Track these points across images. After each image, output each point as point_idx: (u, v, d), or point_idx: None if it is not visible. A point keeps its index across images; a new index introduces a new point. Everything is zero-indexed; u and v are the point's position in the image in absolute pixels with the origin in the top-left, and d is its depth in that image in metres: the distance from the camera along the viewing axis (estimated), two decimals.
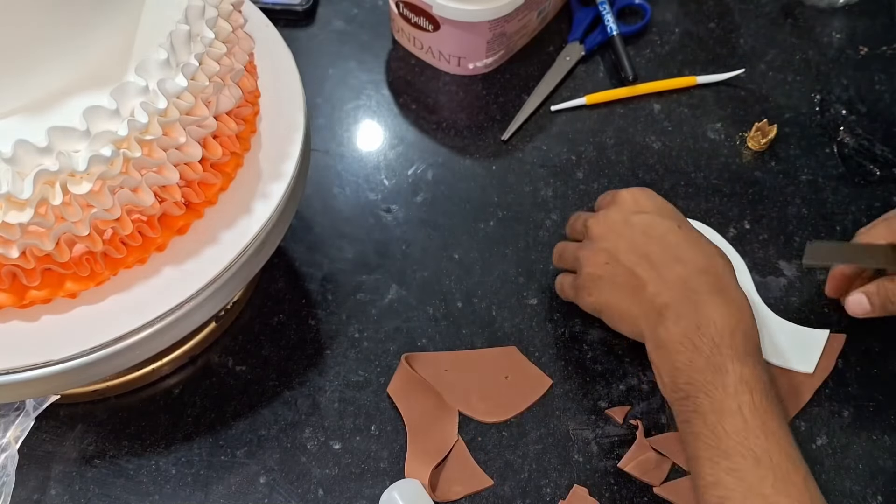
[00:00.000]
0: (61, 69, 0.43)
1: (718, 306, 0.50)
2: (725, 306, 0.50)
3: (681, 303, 0.51)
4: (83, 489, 0.54)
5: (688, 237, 0.54)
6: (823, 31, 0.76)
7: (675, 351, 0.50)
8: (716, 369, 0.48)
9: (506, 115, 0.71)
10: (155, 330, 0.46)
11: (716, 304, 0.50)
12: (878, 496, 0.55)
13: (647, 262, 0.53)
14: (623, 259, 0.54)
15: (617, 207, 0.57)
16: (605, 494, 0.55)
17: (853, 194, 0.66)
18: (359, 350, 0.60)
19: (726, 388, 0.47)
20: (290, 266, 0.63)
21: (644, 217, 0.55)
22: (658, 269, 0.53)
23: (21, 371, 0.44)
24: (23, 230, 0.40)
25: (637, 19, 0.77)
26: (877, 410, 0.58)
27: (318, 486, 0.55)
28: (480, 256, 0.64)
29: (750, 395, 0.47)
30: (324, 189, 0.67)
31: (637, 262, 0.53)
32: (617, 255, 0.54)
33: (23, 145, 0.39)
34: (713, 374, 0.48)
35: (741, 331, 0.50)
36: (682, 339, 0.50)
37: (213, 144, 0.46)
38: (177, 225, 0.47)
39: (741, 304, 0.51)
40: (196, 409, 0.57)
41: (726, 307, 0.50)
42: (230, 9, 0.47)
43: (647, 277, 0.53)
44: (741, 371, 0.48)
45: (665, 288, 0.52)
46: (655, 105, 0.72)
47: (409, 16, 0.70)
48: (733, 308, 0.51)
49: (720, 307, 0.50)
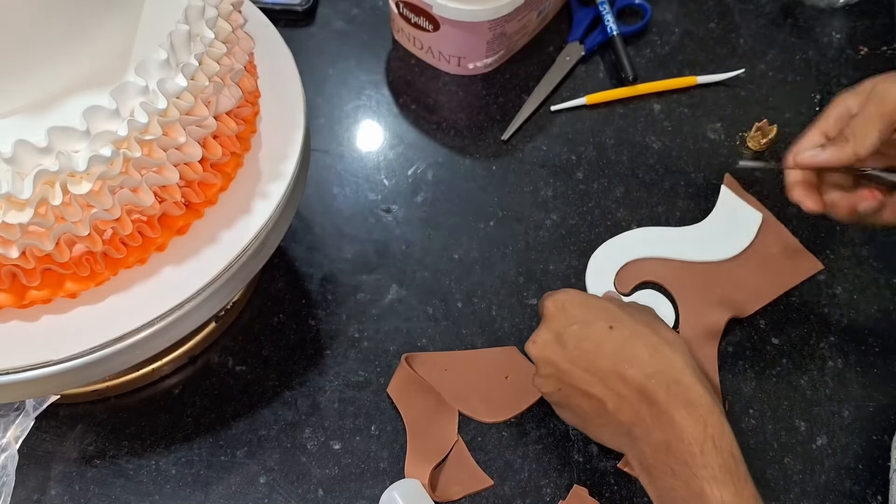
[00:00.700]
0: (61, 69, 0.43)
1: (681, 417, 0.46)
2: (687, 414, 0.46)
3: (644, 419, 0.47)
4: (83, 489, 0.54)
5: (624, 338, 0.49)
6: (823, 31, 0.76)
7: (657, 477, 0.47)
8: (696, 496, 0.45)
9: (506, 115, 0.71)
10: (155, 330, 0.46)
11: (678, 415, 0.46)
12: (878, 496, 0.55)
13: (595, 378, 0.49)
14: (572, 382, 0.50)
15: (546, 325, 0.52)
16: (605, 494, 0.55)
17: None
18: (359, 350, 0.60)
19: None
20: (290, 266, 0.63)
21: (573, 329, 0.50)
22: (608, 383, 0.48)
23: (21, 371, 0.44)
24: (23, 230, 0.40)
25: (637, 19, 0.77)
26: (877, 410, 0.58)
27: (318, 486, 0.55)
28: (480, 256, 0.64)
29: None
30: (324, 189, 0.67)
31: (587, 382, 0.49)
32: (563, 379, 0.50)
33: (23, 145, 0.39)
34: (695, 500, 0.45)
35: (710, 440, 0.45)
36: (658, 464, 0.46)
37: (213, 144, 0.46)
38: (177, 225, 0.47)
39: (703, 403, 0.46)
40: (196, 409, 0.57)
41: (688, 414, 0.46)
42: (230, 9, 0.47)
43: (602, 395, 0.48)
44: (721, 495, 0.44)
45: (623, 403, 0.48)
46: (655, 105, 0.72)
47: (409, 16, 0.70)
48: (695, 413, 0.46)
49: (683, 417, 0.46)
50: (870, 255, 0.64)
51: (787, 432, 0.57)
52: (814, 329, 0.61)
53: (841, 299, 0.62)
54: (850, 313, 0.61)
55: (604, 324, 0.50)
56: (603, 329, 0.50)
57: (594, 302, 0.52)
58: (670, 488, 0.46)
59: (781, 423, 0.57)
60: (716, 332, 0.60)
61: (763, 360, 0.60)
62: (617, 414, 0.48)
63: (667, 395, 0.47)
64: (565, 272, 0.63)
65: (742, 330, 0.61)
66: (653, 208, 0.66)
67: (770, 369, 0.59)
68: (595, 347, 0.49)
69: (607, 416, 0.49)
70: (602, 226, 0.65)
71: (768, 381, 0.59)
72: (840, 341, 0.60)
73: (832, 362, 0.60)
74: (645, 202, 0.66)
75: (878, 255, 0.64)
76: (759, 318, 0.61)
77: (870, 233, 0.64)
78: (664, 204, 0.66)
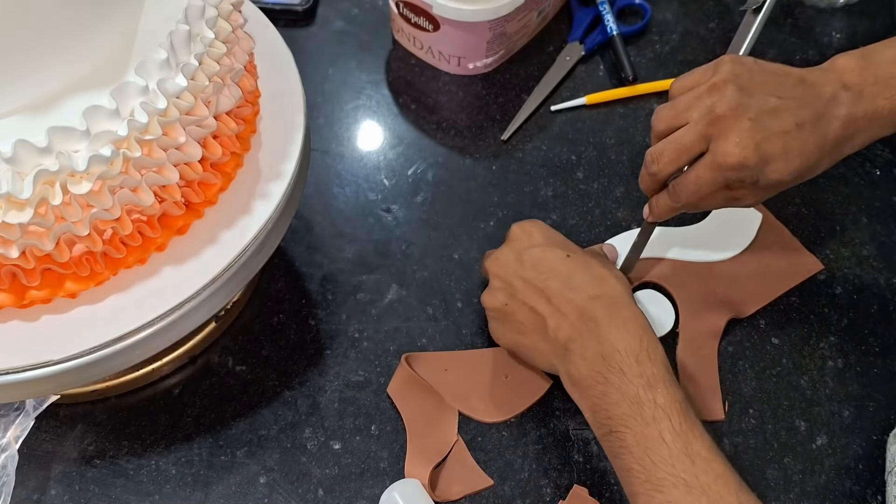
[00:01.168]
0: (61, 69, 0.43)
1: (619, 331, 0.49)
2: (625, 329, 0.49)
3: (582, 334, 0.50)
4: (83, 489, 0.54)
5: (577, 264, 0.53)
6: (823, 31, 0.76)
7: (588, 387, 0.49)
8: (630, 400, 0.47)
9: (506, 115, 0.71)
10: (155, 330, 0.46)
11: (616, 329, 0.49)
12: (877, 496, 0.55)
13: (542, 296, 0.52)
14: (521, 296, 0.53)
15: (509, 245, 0.56)
16: (605, 494, 0.55)
17: (853, 194, 0.66)
18: (359, 350, 0.60)
19: (644, 418, 0.46)
20: (290, 266, 0.63)
21: (534, 251, 0.54)
22: (554, 302, 0.52)
23: (21, 371, 0.44)
24: (23, 230, 0.40)
25: (637, 19, 0.77)
26: (877, 410, 0.58)
27: (318, 486, 0.55)
28: (480, 256, 0.64)
29: (668, 421, 0.46)
30: (324, 189, 0.67)
31: (534, 299, 0.53)
32: (514, 294, 0.54)
33: (23, 145, 0.39)
34: (629, 405, 0.47)
35: (645, 352, 0.49)
36: (592, 374, 0.49)
37: (213, 144, 0.46)
38: (177, 225, 0.47)
39: (638, 322, 0.50)
40: (196, 409, 0.57)
41: (625, 330, 0.49)
42: (230, 9, 0.47)
43: (546, 312, 0.52)
44: (654, 397, 0.47)
45: (564, 321, 0.51)
46: (655, 105, 0.71)
47: (409, 16, 0.70)
48: (632, 329, 0.50)
49: (620, 331, 0.49)
50: (870, 255, 0.64)
51: (787, 432, 0.57)
52: (814, 329, 0.61)
53: (841, 299, 0.62)
54: (850, 313, 0.61)
55: (562, 251, 0.54)
56: (560, 255, 0.54)
57: (556, 234, 0.57)
58: (603, 395, 0.49)
59: (781, 423, 0.57)
60: (716, 332, 0.60)
61: (763, 360, 0.60)
62: (557, 330, 0.51)
63: (606, 314, 0.50)
64: None
65: (742, 330, 0.61)
66: None
67: (770, 369, 0.59)
68: (549, 269, 0.53)
69: (545, 332, 0.52)
70: (602, 226, 0.65)
71: (768, 381, 0.59)
72: (840, 341, 0.60)
73: (832, 362, 0.60)
74: (645, 202, 0.66)
75: (878, 255, 0.64)
76: (759, 318, 0.61)
77: (870, 233, 0.64)
78: None
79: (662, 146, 0.53)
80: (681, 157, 0.52)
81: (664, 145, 0.53)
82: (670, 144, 0.53)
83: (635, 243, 0.61)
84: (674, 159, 0.53)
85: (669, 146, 0.53)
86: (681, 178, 0.53)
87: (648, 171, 0.55)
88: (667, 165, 0.53)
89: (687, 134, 0.52)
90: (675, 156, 0.53)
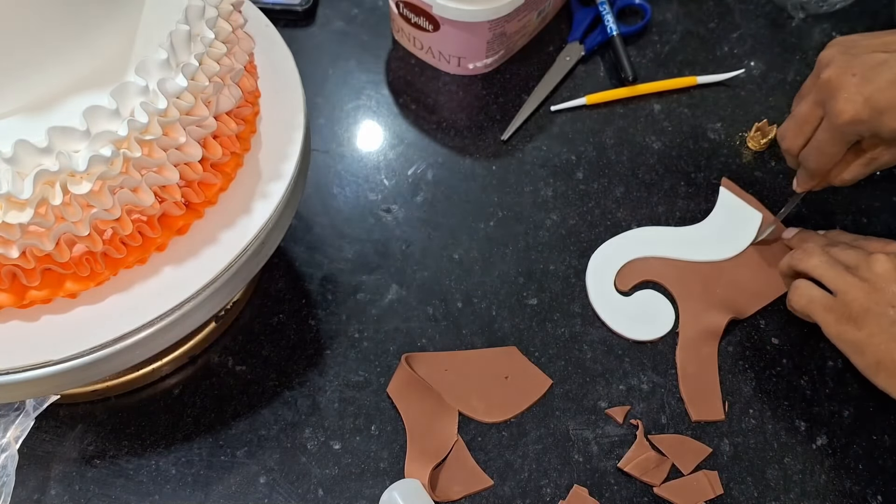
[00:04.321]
0: (61, 69, 0.43)
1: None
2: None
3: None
4: (83, 489, 0.54)
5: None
6: (823, 31, 0.76)
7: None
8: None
9: (506, 115, 0.71)
10: (155, 330, 0.46)
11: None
12: (878, 496, 0.55)
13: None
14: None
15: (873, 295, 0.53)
16: (605, 494, 0.55)
17: (853, 194, 0.66)
18: (359, 350, 0.60)
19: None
20: (290, 266, 0.63)
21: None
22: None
23: (21, 371, 0.44)
24: (23, 230, 0.40)
25: (637, 19, 0.77)
26: (877, 410, 0.58)
27: (318, 486, 0.55)
28: (480, 256, 0.64)
29: None
30: (324, 189, 0.67)
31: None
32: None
33: (23, 145, 0.39)
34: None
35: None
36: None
37: (213, 144, 0.46)
38: (177, 225, 0.47)
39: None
40: (196, 409, 0.57)
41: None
42: (230, 9, 0.47)
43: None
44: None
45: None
46: (655, 105, 0.72)
47: (409, 16, 0.70)
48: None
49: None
50: None
51: (787, 432, 0.57)
52: (814, 329, 0.61)
53: None
54: None
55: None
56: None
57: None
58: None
59: (781, 423, 0.57)
60: (716, 332, 0.60)
61: (763, 360, 0.60)
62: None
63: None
64: (565, 272, 0.63)
65: (742, 330, 0.61)
66: (653, 208, 0.66)
67: (770, 369, 0.59)
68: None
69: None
70: (602, 226, 0.65)
71: (768, 381, 0.59)
72: None
73: (832, 362, 0.60)
74: (645, 202, 0.66)
75: None
76: (759, 318, 0.61)
77: (870, 233, 0.64)
78: (664, 204, 0.66)
79: (786, 122, 0.57)
80: (803, 128, 0.55)
81: (787, 121, 0.57)
82: (791, 119, 0.57)
83: (782, 212, 0.64)
84: (797, 132, 0.56)
85: (791, 121, 0.57)
86: (805, 147, 0.56)
87: (782, 147, 0.58)
88: (793, 139, 0.57)
89: (803, 105, 0.55)
90: (798, 128, 0.56)
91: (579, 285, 0.62)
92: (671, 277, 0.62)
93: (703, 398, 0.58)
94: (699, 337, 0.60)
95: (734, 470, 0.55)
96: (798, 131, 0.56)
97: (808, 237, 0.61)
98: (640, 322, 0.61)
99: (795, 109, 0.56)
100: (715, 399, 0.58)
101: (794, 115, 0.56)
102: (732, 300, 0.61)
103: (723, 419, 0.57)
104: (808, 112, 0.55)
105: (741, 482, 0.55)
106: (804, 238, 0.61)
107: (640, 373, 0.59)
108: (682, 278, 0.62)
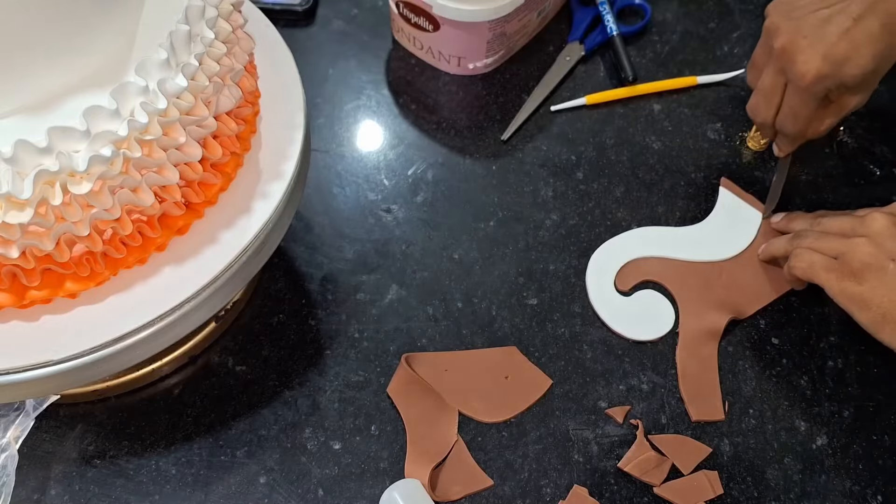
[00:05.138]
0: (61, 69, 0.43)
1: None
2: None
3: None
4: (83, 489, 0.54)
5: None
6: None
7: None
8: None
9: (506, 115, 0.71)
10: (155, 330, 0.46)
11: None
12: (878, 496, 0.55)
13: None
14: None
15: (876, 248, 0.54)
16: (605, 494, 0.55)
17: (853, 194, 0.66)
18: (359, 350, 0.60)
19: None
20: (290, 266, 0.63)
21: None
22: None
23: (21, 371, 0.44)
24: (23, 230, 0.40)
25: (637, 19, 0.77)
26: (877, 410, 0.58)
27: (318, 486, 0.55)
28: (480, 256, 0.64)
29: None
30: (324, 189, 0.67)
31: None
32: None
33: (23, 145, 0.39)
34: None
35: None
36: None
37: (213, 144, 0.46)
38: (177, 225, 0.47)
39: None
40: (196, 409, 0.57)
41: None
42: (230, 9, 0.47)
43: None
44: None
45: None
46: (655, 105, 0.72)
47: (409, 16, 0.70)
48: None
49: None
50: None
51: (787, 432, 0.57)
52: (814, 329, 0.61)
53: None
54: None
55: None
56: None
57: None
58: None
59: (781, 423, 0.57)
60: (716, 332, 0.60)
61: (763, 360, 0.60)
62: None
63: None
64: (565, 272, 0.63)
65: (742, 330, 0.61)
66: (653, 208, 0.66)
67: (770, 369, 0.59)
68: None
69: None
70: (602, 226, 0.65)
71: (768, 381, 0.59)
72: (840, 341, 0.60)
73: (832, 362, 0.60)
74: (645, 202, 0.66)
75: None
76: (759, 318, 0.61)
77: None
78: (664, 204, 0.66)
79: (753, 98, 0.60)
80: (772, 99, 0.58)
81: (754, 97, 0.60)
82: (758, 94, 0.59)
83: (775, 180, 0.65)
84: (767, 104, 0.59)
85: (757, 95, 0.59)
86: (779, 115, 0.58)
87: (756, 122, 0.61)
88: (766, 111, 0.59)
89: (765, 78, 0.58)
90: (766, 100, 0.59)
91: (579, 285, 0.62)
92: (671, 277, 0.62)
93: (703, 398, 0.58)
94: (699, 337, 0.60)
95: (734, 470, 0.55)
96: (768, 103, 0.59)
97: (795, 217, 0.62)
98: (640, 322, 0.61)
99: (759, 83, 0.59)
100: (715, 399, 0.58)
101: (759, 89, 0.59)
102: (732, 300, 0.61)
103: (723, 419, 0.57)
104: (772, 82, 0.58)
105: (741, 482, 0.55)
106: (792, 218, 0.63)
107: (640, 373, 0.59)
108: (682, 278, 0.62)
